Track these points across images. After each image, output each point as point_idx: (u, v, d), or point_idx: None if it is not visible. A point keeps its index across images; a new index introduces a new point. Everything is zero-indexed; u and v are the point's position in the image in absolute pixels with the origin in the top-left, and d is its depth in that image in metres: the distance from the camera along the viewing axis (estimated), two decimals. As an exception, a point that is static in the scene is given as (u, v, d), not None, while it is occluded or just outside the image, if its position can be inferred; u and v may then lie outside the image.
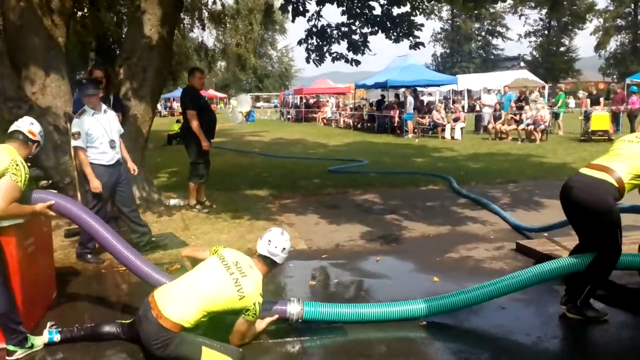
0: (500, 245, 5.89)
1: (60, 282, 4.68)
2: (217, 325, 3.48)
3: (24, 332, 3.43)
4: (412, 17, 8.53)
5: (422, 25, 8.64)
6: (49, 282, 4.36)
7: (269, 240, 3.44)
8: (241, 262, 3.39)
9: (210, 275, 3.32)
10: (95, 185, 5.11)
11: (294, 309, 3.68)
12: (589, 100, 18.48)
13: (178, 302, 3.19)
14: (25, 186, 3.46)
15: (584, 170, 3.94)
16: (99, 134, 5.18)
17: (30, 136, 3.74)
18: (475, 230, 6.55)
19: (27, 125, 3.76)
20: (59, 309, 4.29)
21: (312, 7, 9.10)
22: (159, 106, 42.96)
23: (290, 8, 8.76)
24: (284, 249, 3.46)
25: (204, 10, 20.99)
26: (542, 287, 4.27)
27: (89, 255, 5.38)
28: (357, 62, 9.05)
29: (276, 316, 3.65)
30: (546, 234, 5.95)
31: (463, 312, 4.00)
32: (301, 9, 8.65)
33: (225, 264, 3.35)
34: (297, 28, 9.73)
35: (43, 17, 6.39)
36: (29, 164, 3.81)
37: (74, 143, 5.14)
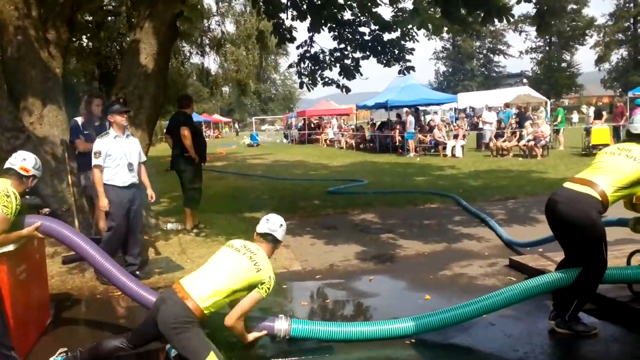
0: (494, 261, 5.91)
1: (55, 308, 4.75)
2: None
3: (15, 358, 3.48)
4: (402, 42, 8.65)
5: (413, 49, 8.76)
6: (42, 308, 4.42)
7: (267, 219, 3.74)
8: (248, 245, 3.62)
9: (226, 258, 3.53)
10: (104, 204, 5.30)
11: (281, 325, 3.75)
12: (592, 116, 18.56)
13: (204, 284, 3.36)
14: (15, 216, 3.55)
15: (567, 185, 3.97)
16: (118, 156, 5.39)
17: (23, 172, 3.84)
18: (470, 247, 6.57)
19: (20, 162, 3.86)
20: (53, 334, 4.35)
21: (304, 32, 9.26)
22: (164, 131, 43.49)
23: (278, 34, 8.90)
24: (281, 225, 3.74)
25: (205, 38, 21.34)
26: (531, 303, 4.28)
27: None
28: (347, 89, 9.17)
29: (264, 332, 3.70)
30: (540, 249, 5.97)
31: (452, 329, 4.02)
32: (288, 36, 8.80)
33: (235, 249, 3.57)
34: (299, 51, 9.88)
35: (40, 49, 6.56)
36: (27, 191, 3.93)
37: (94, 162, 5.34)
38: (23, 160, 3.88)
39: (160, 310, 3.31)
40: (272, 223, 3.71)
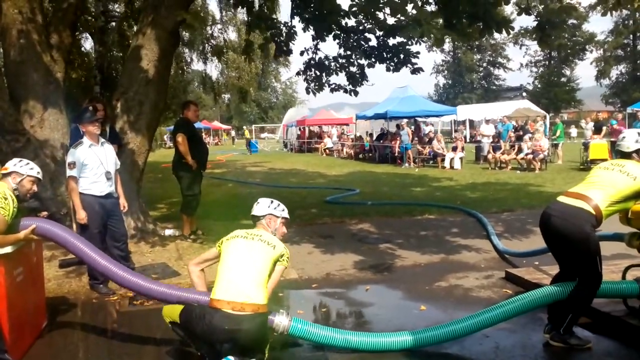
0: (490, 274, 5.92)
1: (51, 312, 4.75)
2: None
3: (9, 360, 3.49)
4: (407, 46, 8.71)
5: (418, 52, 8.82)
6: (38, 312, 4.42)
7: (258, 202, 3.93)
8: (251, 230, 3.78)
9: (244, 251, 3.59)
10: (81, 216, 5.22)
11: (282, 320, 3.80)
12: (591, 131, 18.65)
13: (252, 286, 3.43)
14: (12, 219, 3.58)
15: (561, 199, 4.00)
16: (94, 165, 5.30)
17: (4, 171, 3.98)
18: (467, 259, 6.59)
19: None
20: (48, 338, 4.34)
21: (307, 39, 9.33)
22: (165, 138, 43.52)
23: (276, 46, 8.94)
24: (258, 202, 3.94)
25: (207, 45, 21.43)
26: (525, 315, 4.27)
27: (101, 286, 5.45)
28: (356, 93, 9.21)
29: None
30: (536, 262, 5.99)
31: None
32: (284, 49, 8.84)
33: (244, 237, 3.69)
34: (300, 60, 9.96)
35: (42, 53, 6.62)
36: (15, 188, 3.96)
37: (68, 173, 5.25)
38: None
39: (241, 332, 3.29)
40: (255, 203, 3.92)
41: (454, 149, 19.34)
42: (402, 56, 8.94)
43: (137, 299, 5.19)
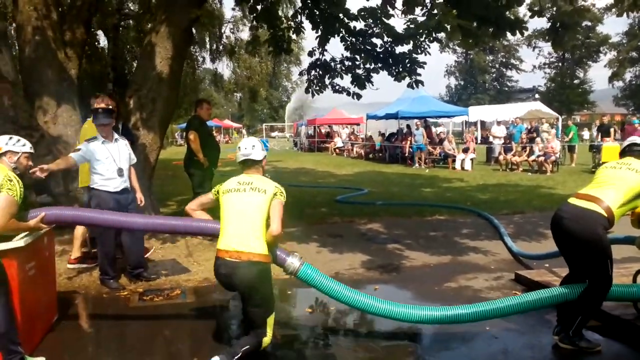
0: (500, 275, 5.91)
1: (62, 306, 4.80)
2: None
3: (21, 353, 3.52)
4: (414, 55, 8.68)
5: (425, 63, 8.78)
6: (49, 305, 4.46)
7: (239, 147, 3.95)
8: (242, 178, 3.86)
9: (238, 204, 3.72)
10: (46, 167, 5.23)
11: (293, 261, 3.97)
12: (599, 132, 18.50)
13: (249, 236, 3.58)
14: (21, 199, 3.62)
15: (572, 201, 3.98)
16: (106, 162, 5.34)
17: None
18: (476, 260, 6.57)
19: None
20: (59, 332, 4.38)
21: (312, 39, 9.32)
22: (176, 135, 43.80)
23: (274, 45, 8.95)
24: (254, 145, 3.93)
25: (219, 44, 21.52)
26: (534, 317, 4.28)
27: (111, 281, 5.51)
28: (359, 96, 9.18)
29: None
30: (547, 264, 5.96)
31: (455, 341, 4.04)
32: (285, 47, 8.86)
33: (236, 189, 3.78)
34: (310, 60, 9.92)
35: (57, 50, 6.70)
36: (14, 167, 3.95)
37: (70, 153, 5.32)
38: None
39: (236, 276, 3.52)
40: (244, 148, 3.90)
41: (465, 151, 19.26)
42: (407, 64, 8.88)
43: (147, 295, 5.24)
